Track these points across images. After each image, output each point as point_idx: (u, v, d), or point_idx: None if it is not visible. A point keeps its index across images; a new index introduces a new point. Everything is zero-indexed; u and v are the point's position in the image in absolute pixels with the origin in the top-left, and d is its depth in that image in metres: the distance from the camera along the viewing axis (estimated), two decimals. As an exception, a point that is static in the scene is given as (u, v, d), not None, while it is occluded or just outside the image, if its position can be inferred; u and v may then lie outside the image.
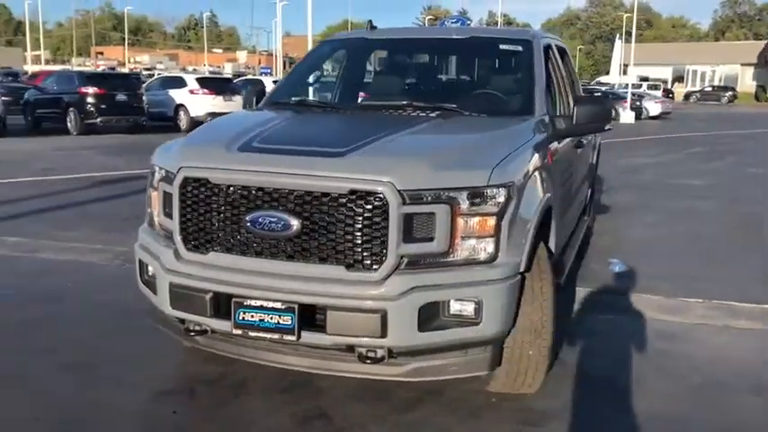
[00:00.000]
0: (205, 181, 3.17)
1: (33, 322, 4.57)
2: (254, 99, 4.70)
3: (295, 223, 3.01)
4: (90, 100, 18.46)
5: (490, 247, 3.09)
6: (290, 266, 3.06)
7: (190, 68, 74.18)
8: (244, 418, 3.36)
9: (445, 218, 2.97)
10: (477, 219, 3.05)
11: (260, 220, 3.05)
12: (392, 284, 2.95)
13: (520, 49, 4.49)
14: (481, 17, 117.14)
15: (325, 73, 4.90)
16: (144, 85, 21.43)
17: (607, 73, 57.13)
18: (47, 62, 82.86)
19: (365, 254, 2.98)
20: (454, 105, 4.08)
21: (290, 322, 3.03)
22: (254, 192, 3.08)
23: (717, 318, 4.99)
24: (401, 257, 2.97)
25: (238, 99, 19.24)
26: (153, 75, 26.84)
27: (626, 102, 32.03)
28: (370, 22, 4.88)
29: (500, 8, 65.00)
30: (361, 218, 2.96)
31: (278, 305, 3.04)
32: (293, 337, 3.03)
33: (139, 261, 3.57)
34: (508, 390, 3.55)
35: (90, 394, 3.59)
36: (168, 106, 20.92)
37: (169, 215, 3.33)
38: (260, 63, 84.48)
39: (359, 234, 2.97)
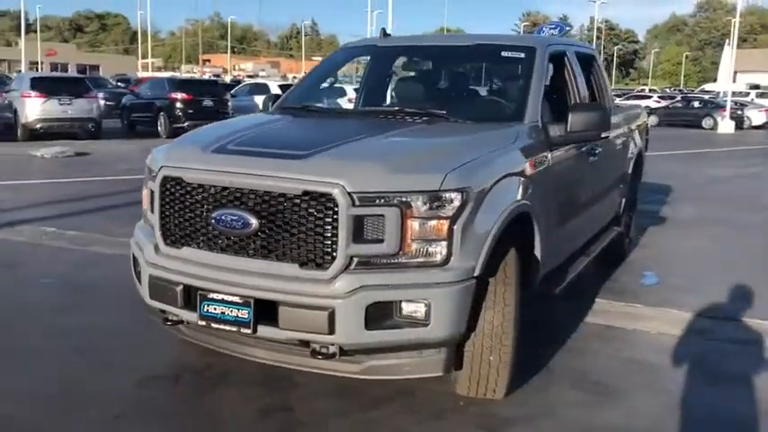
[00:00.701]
0: (180, 180, 3.38)
1: (63, 308, 4.95)
2: (270, 104, 4.92)
3: (254, 222, 3.17)
4: (179, 105, 19.43)
5: (442, 251, 3.14)
6: (249, 263, 3.22)
7: (290, 76, 76.31)
8: (212, 407, 3.55)
9: (395, 220, 3.05)
10: (429, 222, 3.11)
11: (223, 217, 3.23)
12: (341, 283, 3.05)
13: (522, 56, 4.48)
14: (582, 23, 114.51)
15: (339, 78, 5.04)
16: (232, 92, 22.32)
17: (714, 80, 54.51)
18: (158, 69, 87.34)
19: (317, 253, 3.10)
20: (443, 112, 4.14)
21: (247, 316, 3.18)
22: (219, 191, 3.26)
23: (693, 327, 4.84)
24: (351, 257, 3.07)
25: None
26: (256, 82, 27.82)
27: (724, 110, 30.56)
28: (383, 30, 5.00)
29: (596, 14, 63.02)
30: (313, 218, 3.09)
31: (236, 299, 3.20)
32: (249, 331, 3.19)
33: (132, 255, 3.82)
34: (474, 394, 3.57)
35: (87, 375, 3.87)
36: (252, 111, 21.68)
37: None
38: (357, 71, 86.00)
39: (311, 234, 3.10)
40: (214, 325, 3.28)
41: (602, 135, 4.21)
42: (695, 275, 6.37)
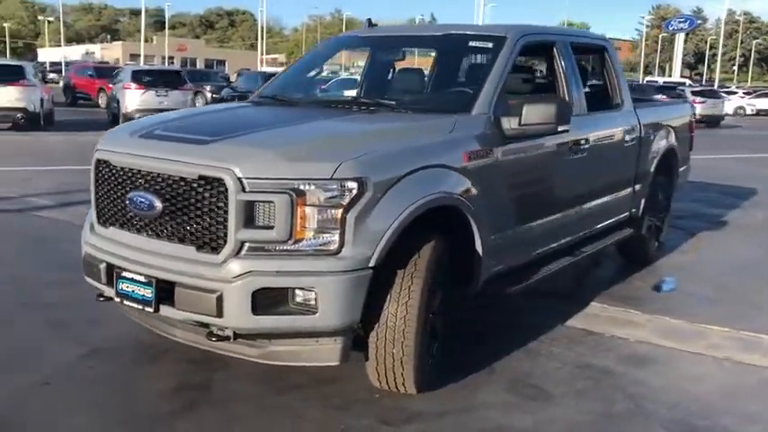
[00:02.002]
0: (108, 162, 3.55)
1: (54, 283, 5.24)
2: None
3: (159, 204, 3.28)
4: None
5: (335, 239, 3.12)
6: (155, 244, 3.34)
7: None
8: (134, 380, 3.72)
9: (285, 207, 3.06)
10: (321, 210, 3.10)
11: (134, 199, 3.36)
12: (229, 267, 3.11)
13: (489, 46, 4.33)
14: (718, 16, 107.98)
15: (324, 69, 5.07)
16: (324, 87, 22.78)
17: None
18: (280, 65, 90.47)
19: (212, 237, 3.17)
20: (392, 102, 4.09)
21: (150, 295, 3.30)
22: (135, 173, 3.39)
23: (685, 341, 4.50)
24: (242, 243, 3.11)
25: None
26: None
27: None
28: (369, 20, 4.98)
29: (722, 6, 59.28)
30: (208, 202, 3.16)
31: (142, 279, 3.33)
32: (151, 309, 3.31)
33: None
34: (385, 386, 3.53)
35: (42, 345, 4.13)
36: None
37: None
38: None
39: (207, 218, 3.17)
40: (125, 302, 3.43)
41: (560, 129, 4.00)
42: (723, 286, 5.89)
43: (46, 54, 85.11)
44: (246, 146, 3.26)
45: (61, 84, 34.08)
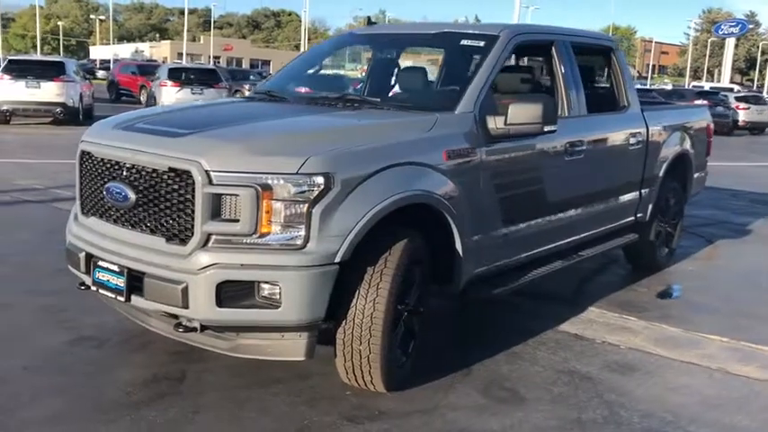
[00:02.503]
0: (90, 153, 3.62)
1: (61, 272, 5.29)
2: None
3: (132, 195, 3.33)
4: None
5: (300, 234, 3.13)
6: (128, 234, 3.39)
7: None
8: (113, 369, 3.77)
9: (250, 201, 3.08)
10: (287, 204, 3.11)
11: (111, 189, 3.42)
12: (195, 259, 3.14)
13: (481, 44, 4.28)
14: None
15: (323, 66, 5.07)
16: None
17: None
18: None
19: (180, 228, 3.21)
20: (378, 99, 4.09)
21: (122, 285, 3.36)
22: (113, 164, 3.46)
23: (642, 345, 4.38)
24: (209, 235, 3.14)
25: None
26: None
27: None
28: (368, 18, 4.98)
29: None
30: (177, 194, 3.20)
31: (116, 268, 3.39)
32: (123, 299, 3.37)
33: (73, 223, 4.12)
34: (354, 384, 3.52)
35: (33, 331, 4.23)
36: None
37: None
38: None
39: (176, 209, 3.21)
40: (101, 291, 3.49)
41: (546, 129, 3.93)
42: (729, 296, 5.73)
43: (97, 52, 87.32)
44: (215, 139, 3.29)
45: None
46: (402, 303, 3.59)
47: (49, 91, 16.38)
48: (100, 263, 3.47)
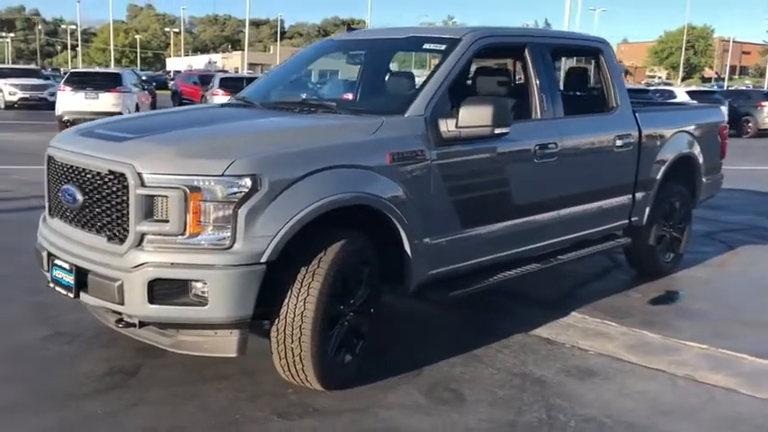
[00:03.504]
0: (52, 158, 3.84)
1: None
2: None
3: (80, 197, 3.52)
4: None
5: (227, 234, 3.23)
6: (79, 234, 3.58)
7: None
8: (76, 363, 3.96)
9: (179, 202, 3.21)
10: (213, 206, 3.22)
11: (64, 191, 3.62)
12: (129, 258, 3.29)
13: (442, 47, 4.30)
14: None
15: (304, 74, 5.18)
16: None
17: None
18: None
19: (119, 229, 3.37)
20: (333, 104, 4.17)
21: (72, 282, 3.54)
22: (67, 168, 3.65)
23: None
24: (142, 234, 3.29)
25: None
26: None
27: None
28: (348, 25, 5.06)
29: None
30: (115, 196, 3.36)
31: (66, 266, 3.58)
32: (72, 295, 3.55)
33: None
34: (292, 381, 3.61)
35: (18, 325, 4.48)
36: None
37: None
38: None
39: (114, 210, 3.38)
40: (56, 288, 3.69)
41: (497, 132, 3.92)
42: (727, 303, 5.50)
43: (173, 63, 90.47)
44: (149, 143, 3.44)
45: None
46: (344, 303, 3.65)
47: (107, 101, 17.11)
48: (56, 261, 3.67)
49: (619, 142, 5.25)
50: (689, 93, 24.04)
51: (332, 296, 3.49)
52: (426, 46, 4.44)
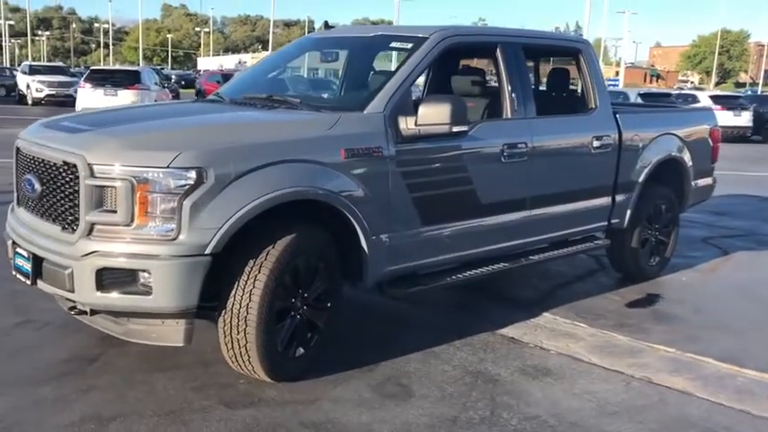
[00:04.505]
0: (18, 149, 3.94)
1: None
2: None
3: (38, 186, 3.61)
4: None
5: (172, 225, 3.30)
6: (37, 222, 3.68)
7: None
8: (42, 348, 4.07)
9: (126, 193, 3.28)
10: (159, 197, 3.29)
11: (25, 181, 3.72)
12: (79, 247, 3.37)
13: (408, 46, 4.32)
14: None
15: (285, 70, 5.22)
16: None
17: None
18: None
19: (72, 218, 3.45)
20: (297, 100, 4.22)
21: (29, 269, 3.64)
22: (27, 158, 3.75)
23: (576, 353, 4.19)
24: (92, 224, 3.37)
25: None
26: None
27: None
28: (326, 22, 5.11)
29: None
30: (68, 186, 3.45)
31: (25, 253, 3.67)
32: (29, 282, 3.65)
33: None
34: (241, 372, 3.66)
35: (-7, 313, 4.61)
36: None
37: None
38: (617, 74, 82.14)
39: (68, 200, 3.46)
40: (18, 275, 3.79)
41: (455, 130, 3.93)
42: (707, 308, 5.44)
43: (204, 62, 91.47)
44: (102, 135, 3.53)
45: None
46: (296, 297, 3.70)
47: (125, 98, 17.40)
48: (18, 249, 3.77)
49: (596, 143, 5.22)
50: (712, 97, 23.67)
51: (281, 289, 3.54)
52: (393, 44, 4.47)
